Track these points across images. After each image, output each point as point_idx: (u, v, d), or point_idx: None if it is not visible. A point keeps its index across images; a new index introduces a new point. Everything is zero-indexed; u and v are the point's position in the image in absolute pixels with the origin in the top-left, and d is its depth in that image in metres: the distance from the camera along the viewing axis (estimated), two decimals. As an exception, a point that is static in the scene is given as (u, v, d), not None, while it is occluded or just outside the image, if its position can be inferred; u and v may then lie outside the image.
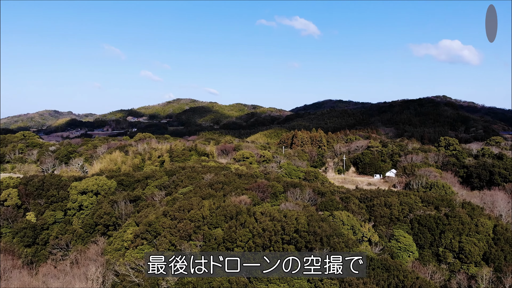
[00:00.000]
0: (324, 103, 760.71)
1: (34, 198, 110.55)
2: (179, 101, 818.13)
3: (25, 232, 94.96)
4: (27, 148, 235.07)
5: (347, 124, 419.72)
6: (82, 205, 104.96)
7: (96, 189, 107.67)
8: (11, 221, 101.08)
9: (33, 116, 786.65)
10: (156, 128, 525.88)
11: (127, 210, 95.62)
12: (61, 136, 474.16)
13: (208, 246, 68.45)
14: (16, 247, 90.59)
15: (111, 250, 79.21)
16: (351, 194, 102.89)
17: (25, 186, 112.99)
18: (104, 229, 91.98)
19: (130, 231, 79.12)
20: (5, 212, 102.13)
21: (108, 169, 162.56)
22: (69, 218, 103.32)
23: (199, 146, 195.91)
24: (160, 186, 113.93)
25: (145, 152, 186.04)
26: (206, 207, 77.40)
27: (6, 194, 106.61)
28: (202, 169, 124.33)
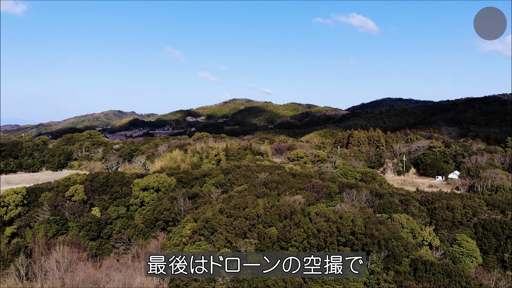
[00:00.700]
0: (383, 102, 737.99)
1: (99, 194, 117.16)
2: (234, 101, 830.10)
3: (90, 226, 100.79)
4: (93, 146, 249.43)
5: (407, 123, 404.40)
6: (143, 201, 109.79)
7: (157, 186, 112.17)
8: (78, 216, 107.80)
9: (99, 116, 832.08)
10: (213, 127, 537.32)
11: (186, 206, 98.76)
12: (124, 135, 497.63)
13: (263, 245, 69.06)
14: (81, 241, 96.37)
15: (170, 245, 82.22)
16: (411, 196, 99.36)
17: (90, 182, 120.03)
18: (164, 225, 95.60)
19: (188, 227, 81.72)
20: (72, 207, 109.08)
21: (168, 167, 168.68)
22: (131, 213, 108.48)
23: (253, 145, 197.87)
24: (217, 184, 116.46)
25: (203, 151, 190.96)
26: (260, 205, 78.15)
27: (73, 190, 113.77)
28: (256, 168, 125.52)
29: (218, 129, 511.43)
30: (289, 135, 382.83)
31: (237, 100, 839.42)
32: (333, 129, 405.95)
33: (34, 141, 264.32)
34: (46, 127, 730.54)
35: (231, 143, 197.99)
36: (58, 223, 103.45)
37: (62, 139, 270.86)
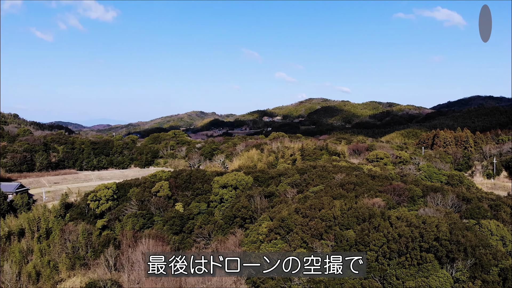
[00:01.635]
0: (471, 100, 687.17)
1: (182, 190, 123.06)
2: (311, 101, 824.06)
3: (173, 221, 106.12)
4: (177, 145, 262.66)
5: (498, 123, 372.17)
6: (222, 198, 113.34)
7: (235, 184, 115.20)
8: (162, 210, 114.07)
9: (183, 116, 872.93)
10: (289, 127, 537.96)
11: (262, 205, 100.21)
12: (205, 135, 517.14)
13: (340, 247, 67.88)
14: (165, 234, 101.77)
15: (247, 242, 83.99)
16: (502, 202, 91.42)
17: (175, 179, 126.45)
18: (241, 222, 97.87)
19: (264, 225, 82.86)
20: (157, 202, 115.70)
21: (246, 166, 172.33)
22: (211, 209, 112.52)
23: (330, 145, 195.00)
24: (292, 184, 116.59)
25: (279, 151, 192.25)
26: (337, 207, 76.85)
27: (159, 186, 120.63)
28: (333, 168, 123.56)
29: (293, 129, 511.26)
30: (367, 135, 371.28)
31: (313, 99, 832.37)
32: (416, 129, 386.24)
33: (124, 140, 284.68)
34: (135, 127, 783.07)
35: (307, 143, 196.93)
36: (144, 217, 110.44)
37: (149, 138, 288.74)
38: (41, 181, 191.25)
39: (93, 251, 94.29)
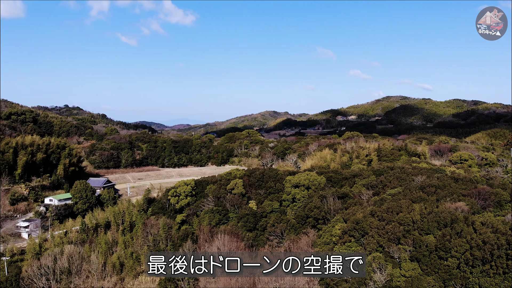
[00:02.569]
0: None
1: (255, 188, 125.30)
2: (388, 99, 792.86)
3: (247, 218, 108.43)
4: (251, 144, 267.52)
5: None
6: (295, 197, 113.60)
7: (307, 184, 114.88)
8: (237, 207, 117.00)
9: (256, 116, 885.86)
10: (364, 127, 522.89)
11: (335, 206, 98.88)
12: (278, 134, 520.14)
13: (419, 253, 65.02)
14: (240, 231, 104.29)
15: (320, 243, 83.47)
16: None
17: (248, 177, 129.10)
18: (314, 222, 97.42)
19: (338, 226, 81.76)
20: (232, 199, 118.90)
21: (318, 166, 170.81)
22: (284, 208, 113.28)
23: (409, 145, 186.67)
24: (368, 185, 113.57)
25: (353, 151, 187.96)
26: (416, 211, 73.61)
27: (233, 183, 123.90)
28: (412, 170, 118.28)
29: (369, 128, 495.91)
30: (450, 135, 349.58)
31: (391, 97, 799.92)
32: (504, 129, 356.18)
33: (202, 139, 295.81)
34: (212, 127, 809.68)
35: (384, 143, 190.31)
36: (220, 213, 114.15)
37: (225, 137, 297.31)
38: (126, 177, 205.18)
39: (173, 244, 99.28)
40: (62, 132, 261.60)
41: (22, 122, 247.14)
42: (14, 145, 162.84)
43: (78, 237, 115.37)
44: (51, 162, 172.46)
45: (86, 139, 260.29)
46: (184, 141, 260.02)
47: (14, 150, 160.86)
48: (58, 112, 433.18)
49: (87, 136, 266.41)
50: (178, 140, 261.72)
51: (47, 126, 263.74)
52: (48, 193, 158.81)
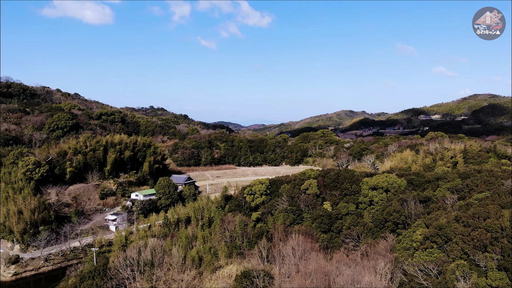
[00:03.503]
0: None
1: (330, 189, 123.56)
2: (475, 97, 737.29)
3: (322, 219, 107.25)
4: (325, 144, 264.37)
5: None
6: (372, 200, 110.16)
7: (386, 186, 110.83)
8: (311, 208, 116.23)
9: (331, 116, 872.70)
10: (449, 127, 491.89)
11: (417, 210, 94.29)
12: (354, 134, 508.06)
13: (507, 261, 59.91)
14: (314, 232, 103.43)
15: (399, 248, 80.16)
16: None
17: (323, 178, 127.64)
18: (393, 226, 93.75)
19: (419, 232, 77.95)
20: (306, 199, 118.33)
21: (398, 167, 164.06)
22: (360, 211, 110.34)
23: (498, 147, 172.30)
24: (452, 189, 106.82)
25: (437, 152, 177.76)
26: (505, 217, 67.80)
27: (307, 184, 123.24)
28: (502, 173, 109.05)
29: (454, 128, 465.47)
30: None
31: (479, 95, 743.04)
32: None
33: (276, 138, 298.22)
34: (286, 126, 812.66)
35: (471, 144, 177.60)
36: (294, 213, 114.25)
37: (299, 137, 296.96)
38: (206, 175, 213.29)
39: (248, 242, 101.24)
40: (147, 132, 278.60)
41: (111, 122, 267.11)
42: (104, 144, 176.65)
43: (161, 231, 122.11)
44: (138, 159, 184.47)
45: (170, 138, 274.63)
46: (259, 141, 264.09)
47: (104, 148, 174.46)
48: (144, 112, 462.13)
49: (170, 136, 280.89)
50: (253, 140, 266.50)
51: (134, 125, 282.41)
52: (134, 188, 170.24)
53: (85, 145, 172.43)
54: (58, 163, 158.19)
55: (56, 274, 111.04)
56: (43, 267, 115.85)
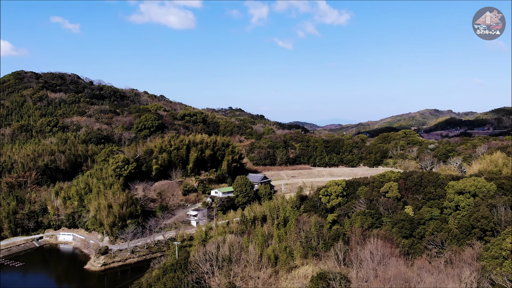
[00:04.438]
0: None
1: (412, 193, 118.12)
2: None
3: (403, 224, 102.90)
4: (407, 145, 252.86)
5: None
6: (458, 205, 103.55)
7: (473, 191, 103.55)
8: (391, 212, 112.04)
9: (414, 115, 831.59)
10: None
11: (507, 216, 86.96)
12: (439, 135, 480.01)
13: None
14: (394, 237, 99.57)
15: (487, 256, 74.68)
16: None
17: (404, 180, 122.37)
18: (480, 233, 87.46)
19: (509, 240, 72.02)
20: (386, 202, 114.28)
21: (487, 171, 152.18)
22: (445, 216, 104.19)
23: None
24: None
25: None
26: None
27: (387, 186, 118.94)
28: None
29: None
30: None
31: None
32: None
33: (354, 139, 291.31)
34: (365, 126, 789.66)
35: None
36: (373, 217, 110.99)
37: (379, 138, 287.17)
38: (281, 174, 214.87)
39: (324, 243, 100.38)
40: (226, 131, 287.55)
41: (193, 122, 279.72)
42: (187, 143, 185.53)
43: (238, 228, 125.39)
44: (217, 158, 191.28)
45: (246, 138, 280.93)
46: (336, 141, 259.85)
47: (187, 147, 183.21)
48: (223, 113, 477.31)
49: (247, 135, 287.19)
50: (329, 140, 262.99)
51: (214, 126, 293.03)
52: (213, 186, 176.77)
53: (169, 144, 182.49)
54: (145, 160, 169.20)
55: (141, 265, 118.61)
56: (129, 259, 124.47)
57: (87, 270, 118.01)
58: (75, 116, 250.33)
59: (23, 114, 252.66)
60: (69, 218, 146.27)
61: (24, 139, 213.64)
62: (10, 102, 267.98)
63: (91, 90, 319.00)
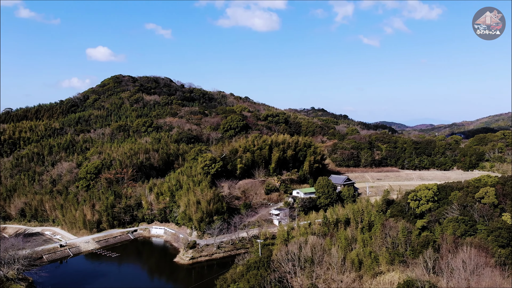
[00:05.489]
0: None
1: (511, 199, 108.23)
2: None
3: (500, 232, 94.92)
4: (506, 147, 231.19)
5: None
6: None
7: None
8: (487, 219, 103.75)
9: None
10: None
11: None
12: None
13: None
14: (489, 246, 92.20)
15: None
16: None
17: (502, 186, 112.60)
18: None
19: None
20: (481, 209, 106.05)
21: None
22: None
23: None
24: None
25: None
26: None
27: (483, 192, 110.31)
28: None
29: None
30: None
31: None
32: None
33: (447, 140, 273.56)
34: (459, 127, 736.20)
35: None
36: (466, 224, 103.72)
37: (474, 139, 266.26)
38: (365, 176, 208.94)
39: (412, 250, 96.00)
40: (308, 132, 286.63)
41: (276, 122, 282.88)
42: (269, 143, 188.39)
43: (320, 230, 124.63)
44: (299, 158, 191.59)
45: (329, 138, 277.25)
46: (426, 142, 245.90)
47: (269, 147, 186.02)
48: (305, 113, 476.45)
49: (330, 136, 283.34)
50: (419, 141, 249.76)
51: (296, 126, 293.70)
52: (295, 186, 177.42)
53: (253, 144, 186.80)
54: (230, 159, 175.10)
55: (226, 261, 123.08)
56: (215, 254, 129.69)
57: (176, 263, 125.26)
58: (167, 117, 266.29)
59: (121, 115, 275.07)
60: (161, 212, 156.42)
61: (122, 138, 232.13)
62: (110, 104, 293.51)
63: (182, 92, 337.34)
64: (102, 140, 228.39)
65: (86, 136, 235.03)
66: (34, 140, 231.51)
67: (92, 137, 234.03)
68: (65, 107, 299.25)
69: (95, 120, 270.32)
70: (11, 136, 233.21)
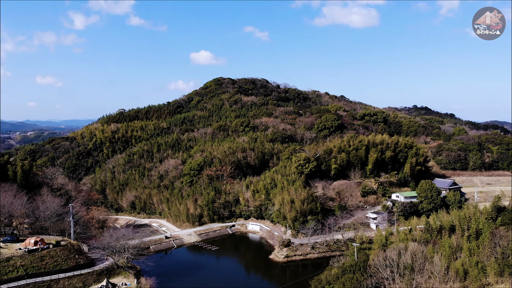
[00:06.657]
0: None
1: None
2: None
3: None
4: None
5: None
6: None
7: None
8: None
9: None
10: None
11: None
12: None
13: None
14: None
15: None
16: None
17: None
18: None
19: None
20: None
21: None
22: None
23: None
24: None
25: None
26: None
27: None
28: None
29: None
30: None
31: None
32: None
33: None
34: None
35: None
36: None
37: None
38: (473, 181, 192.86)
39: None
40: (409, 132, 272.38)
41: (374, 122, 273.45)
42: (366, 143, 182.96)
43: (422, 236, 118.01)
44: (399, 160, 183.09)
45: (433, 139, 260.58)
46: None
47: (366, 147, 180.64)
48: (407, 112, 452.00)
49: (434, 136, 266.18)
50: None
51: (396, 125, 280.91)
52: (394, 189, 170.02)
53: (348, 144, 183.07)
54: (324, 160, 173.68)
55: (320, 262, 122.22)
56: (309, 254, 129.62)
57: (271, 260, 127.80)
58: (263, 117, 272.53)
59: (221, 116, 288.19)
60: (257, 209, 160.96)
61: (221, 137, 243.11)
62: (211, 105, 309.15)
63: (277, 93, 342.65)
64: (204, 139, 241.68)
65: (190, 135, 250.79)
66: (144, 139, 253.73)
67: (195, 136, 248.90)
68: (172, 108, 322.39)
69: (198, 120, 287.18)
70: (124, 135, 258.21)
